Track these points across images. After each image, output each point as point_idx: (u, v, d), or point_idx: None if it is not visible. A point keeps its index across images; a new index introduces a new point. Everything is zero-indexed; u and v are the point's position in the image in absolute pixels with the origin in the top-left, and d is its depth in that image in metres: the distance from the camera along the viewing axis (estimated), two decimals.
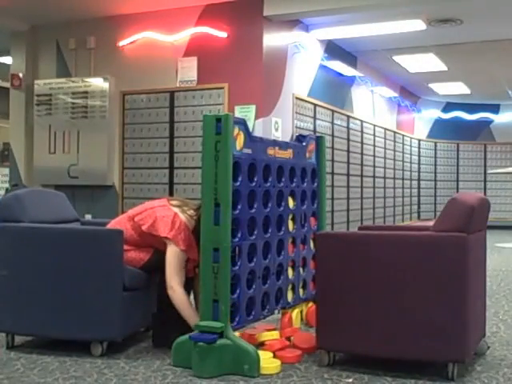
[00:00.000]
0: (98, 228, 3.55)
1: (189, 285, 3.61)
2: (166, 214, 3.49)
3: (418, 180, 13.07)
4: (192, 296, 3.70)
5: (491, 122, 13.58)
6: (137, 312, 3.49)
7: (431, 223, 3.13)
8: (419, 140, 13.08)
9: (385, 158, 10.84)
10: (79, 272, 3.33)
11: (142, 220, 3.52)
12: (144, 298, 3.57)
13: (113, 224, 3.70)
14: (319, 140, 4.23)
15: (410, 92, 12.22)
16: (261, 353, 3.08)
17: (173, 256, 3.41)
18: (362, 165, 9.59)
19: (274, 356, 3.19)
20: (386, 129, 10.87)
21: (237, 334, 3.18)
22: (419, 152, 13.09)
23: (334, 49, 8.25)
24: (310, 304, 4.05)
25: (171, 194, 6.81)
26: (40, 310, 3.37)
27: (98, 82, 7.16)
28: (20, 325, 3.42)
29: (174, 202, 3.62)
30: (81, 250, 3.35)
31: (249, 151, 3.32)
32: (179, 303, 3.35)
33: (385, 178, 10.83)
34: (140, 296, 3.52)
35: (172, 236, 3.41)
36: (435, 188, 13.53)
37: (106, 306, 3.29)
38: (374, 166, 10.25)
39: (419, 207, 13.06)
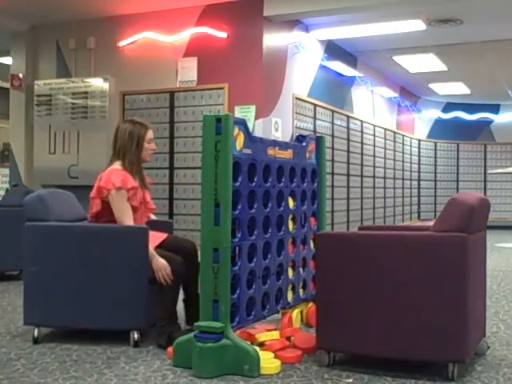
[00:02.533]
0: (125, 226, 3.69)
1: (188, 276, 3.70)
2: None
3: (418, 180, 13.07)
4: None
5: (491, 122, 13.58)
6: (155, 303, 3.68)
7: (431, 223, 3.13)
8: (419, 140, 13.08)
9: (385, 158, 10.84)
10: (107, 267, 3.54)
11: (93, 208, 3.79)
12: (158, 291, 3.73)
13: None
14: (319, 140, 4.23)
15: (410, 92, 12.22)
16: (261, 353, 3.08)
17: (113, 200, 3.64)
18: (361, 165, 9.59)
19: (275, 356, 3.19)
20: (386, 129, 10.87)
21: (237, 333, 3.18)
22: (419, 152, 13.09)
23: (334, 49, 8.25)
24: (310, 304, 4.04)
25: (171, 194, 6.81)
26: (68, 303, 3.57)
27: (98, 83, 7.16)
28: (49, 317, 3.61)
29: None
30: (109, 247, 3.57)
31: (249, 151, 3.32)
32: None
33: (385, 178, 10.83)
34: (156, 288, 3.66)
35: (103, 184, 3.67)
36: (435, 188, 13.53)
37: (134, 298, 3.52)
38: (374, 166, 10.25)
39: (419, 207, 13.06)
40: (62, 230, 3.67)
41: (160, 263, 3.51)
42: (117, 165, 3.79)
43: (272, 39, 6.65)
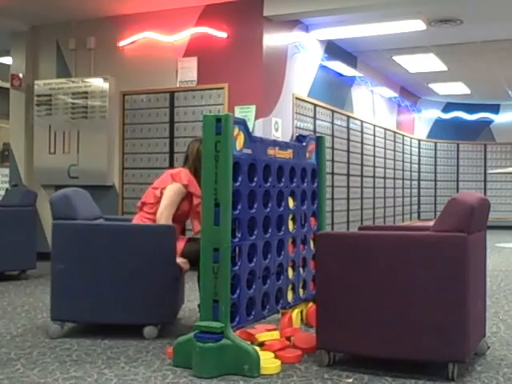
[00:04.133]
0: (153, 225, 3.87)
1: None
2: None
3: (418, 180, 13.07)
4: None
5: (491, 122, 13.58)
6: (179, 298, 4.05)
7: (431, 223, 3.13)
8: (419, 140, 13.08)
9: (385, 158, 10.83)
10: (135, 265, 3.70)
11: (146, 197, 3.97)
12: (180, 286, 4.09)
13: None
14: (319, 140, 4.23)
15: (410, 92, 12.22)
16: (261, 353, 3.08)
17: (170, 189, 3.87)
18: (362, 165, 9.59)
19: (275, 356, 3.19)
20: (385, 129, 10.86)
21: (237, 333, 3.18)
22: (419, 152, 13.09)
23: (333, 49, 8.25)
24: (310, 304, 4.05)
25: None
26: (95, 299, 3.70)
27: (98, 83, 7.16)
28: (76, 313, 3.74)
29: None
30: (137, 245, 3.72)
31: (249, 151, 3.32)
32: None
33: (385, 178, 10.83)
34: (179, 284, 3.98)
35: (174, 174, 3.93)
36: (435, 188, 13.53)
37: (162, 293, 3.71)
38: (374, 166, 10.25)
39: (419, 207, 13.05)
40: (89, 228, 3.81)
41: (179, 261, 3.78)
42: (187, 170, 4.02)
43: (272, 39, 6.65)
